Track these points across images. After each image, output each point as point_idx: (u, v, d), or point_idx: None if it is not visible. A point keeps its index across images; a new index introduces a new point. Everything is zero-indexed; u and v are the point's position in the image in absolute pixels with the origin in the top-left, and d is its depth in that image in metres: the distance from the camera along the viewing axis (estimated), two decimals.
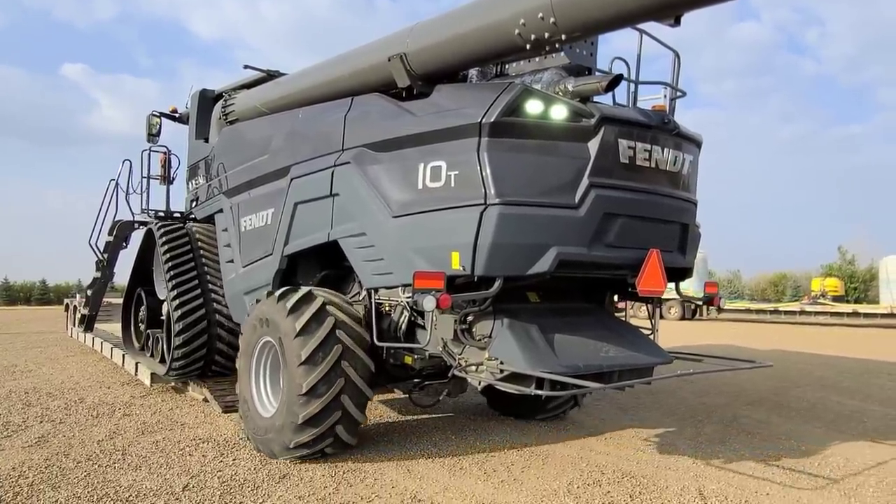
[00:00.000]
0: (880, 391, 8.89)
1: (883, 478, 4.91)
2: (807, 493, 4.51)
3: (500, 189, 4.10)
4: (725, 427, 6.45)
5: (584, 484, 4.56)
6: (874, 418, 7.06)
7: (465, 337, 4.56)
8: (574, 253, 4.21)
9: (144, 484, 4.35)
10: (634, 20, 3.83)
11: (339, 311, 4.85)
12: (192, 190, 8.18)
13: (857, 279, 38.74)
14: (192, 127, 8.16)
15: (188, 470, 4.67)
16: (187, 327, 6.87)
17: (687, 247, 5.01)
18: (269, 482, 4.44)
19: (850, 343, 17.06)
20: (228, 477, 4.53)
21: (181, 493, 4.18)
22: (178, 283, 7.01)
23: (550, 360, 4.28)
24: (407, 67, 4.76)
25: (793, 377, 9.74)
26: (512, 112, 4.15)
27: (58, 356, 11.41)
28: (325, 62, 5.92)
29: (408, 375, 5.49)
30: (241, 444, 5.35)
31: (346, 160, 5.10)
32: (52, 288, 52.27)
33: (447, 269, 4.22)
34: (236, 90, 7.62)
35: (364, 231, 4.89)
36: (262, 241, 6.09)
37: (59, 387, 8.09)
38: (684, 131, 4.78)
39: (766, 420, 6.82)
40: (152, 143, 8.89)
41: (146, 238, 8.30)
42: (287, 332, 4.70)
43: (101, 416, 6.40)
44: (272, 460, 4.90)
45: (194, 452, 5.11)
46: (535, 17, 3.86)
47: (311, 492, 4.27)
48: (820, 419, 6.95)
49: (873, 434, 6.34)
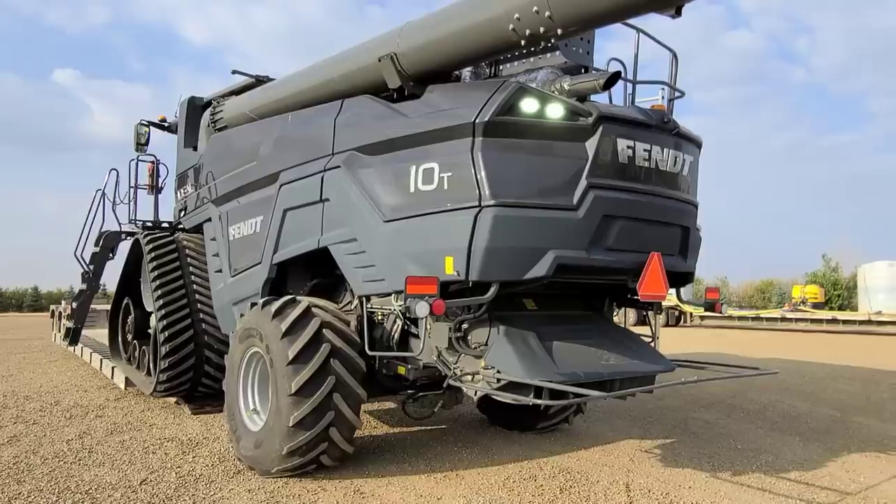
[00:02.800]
0: (834, 394, 8.87)
1: (804, 473, 5.02)
2: (726, 486, 4.64)
3: (496, 190, 3.84)
4: (673, 428, 6.48)
5: (520, 478, 4.65)
6: (818, 419, 7.12)
7: (460, 345, 4.30)
8: (573, 256, 3.95)
9: (105, 479, 4.47)
10: (633, 11, 3.59)
11: (326, 312, 4.61)
12: (180, 199, 7.88)
13: (840, 286, 38.89)
14: (181, 135, 7.86)
15: (149, 466, 4.80)
16: (174, 345, 6.49)
17: (689, 251, 4.75)
18: (224, 477, 4.58)
19: (825, 349, 16.95)
20: (185, 472, 4.64)
21: (138, 487, 4.30)
22: (166, 299, 6.63)
23: (549, 369, 4.01)
24: (398, 68, 4.51)
25: (755, 381, 9.61)
26: (507, 111, 3.89)
27: (40, 361, 11.41)
28: (315, 65, 5.65)
29: (402, 386, 5.21)
30: (203, 443, 5.44)
31: (336, 164, 4.83)
32: (44, 295, 51.64)
33: (441, 274, 3.95)
34: (225, 97, 7.34)
35: (355, 237, 4.62)
36: (251, 249, 5.80)
37: (37, 390, 8.12)
38: (684, 131, 4.55)
39: (714, 421, 6.85)
40: (140, 152, 8.59)
41: (133, 249, 7.97)
42: (273, 335, 4.44)
43: (73, 417, 6.49)
44: (230, 458, 4.98)
45: (157, 451, 5.23)
46: (530, 12, 3.63)
47: (260, 486, 4.38)
48: (766, 420, 6.99)
49: (811, 434, 6.41)
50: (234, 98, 7.12)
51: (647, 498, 4.32)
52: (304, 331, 4.37)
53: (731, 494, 4.46)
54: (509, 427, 6.13)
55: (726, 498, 4.39)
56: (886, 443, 6.12)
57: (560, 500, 4.25)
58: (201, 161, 7.19)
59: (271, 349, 4.48)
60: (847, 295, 38.89)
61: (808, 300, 29.18)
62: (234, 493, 4.22)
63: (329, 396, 4.29)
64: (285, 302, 4.61)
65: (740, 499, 4.39)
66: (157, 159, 8.74)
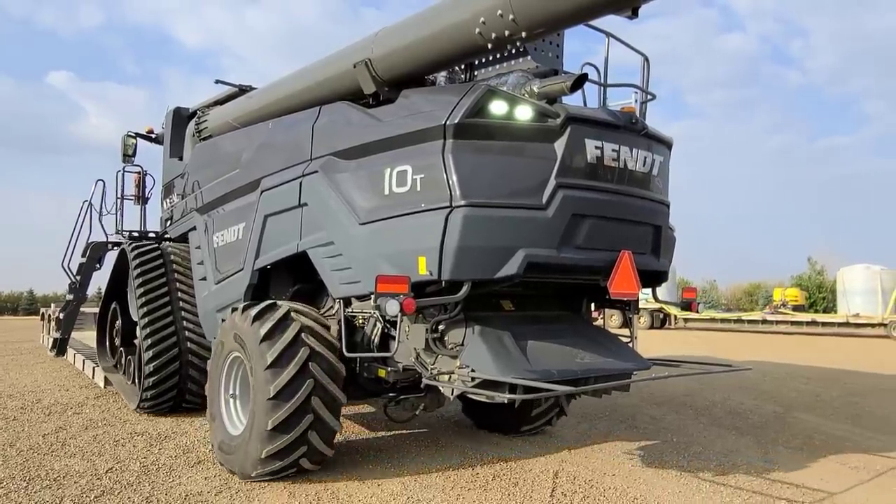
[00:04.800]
0: (786, 392, 8.95)
1: (724, 461, 5.19)
2: (647, 473, 4.84)
3: (466, 191, 3.82)
4: (619, 423, 6.62)
5: (459, 467, 4.88)
6: (760, 415, 7.23)
7: (437, 346, 4.27)
8: (543, 255, 3.92)
9: (74, 468, 4.71)
10: (592, 13, 3.61)
11: (305, 317, 4.55)
12: (166, 209, 7.81)
13: (825, 289, 38.96)
14: (167, 145, 7.79)
15: (116, 457, 5.02)
16: (159, 364, 6.30)
17: (661, 249, 4.73)
18: (185, 466, 4.81)
19: (800, 350, 16.99)
20: (150, 462, 4.88)
21: (103, 475, 4.54)
22: (150, 308, 6.48)
23: (522, 367, 3.98)
24: (372, 73, 4.51)
25: (713, 381, 9.72)
26: (476, 113, 3.89)
27: (27, 363, 11.50)
28: (295, 72, 5.64)
29: (383, 389, 5.15)
30: (171, 437, 5.63)
31: (314, 169, 4.81)
32: (39, 298, 51.16)
33: (414, 274, 3.92)
34: (209, 107, 7.31)
35: (332, 240, 4.58)
36: (234, 256, 5.75)
37: (21, 389, 8.25)
38: (653, 132, 4.54)
39: (660, 417, 6.95)
40: (128, 163, 8.50)
41: (120, 259, 7.84)
42: (252, 339, 4.39)
43: (52, 414, 6.69)
44: (193, 450, 5.19)
45: (127, 444, 5.44)
46: (495, 15, 3.64)
47: (217, 473, 4.60)
48: (710, 416, 7.11)
49: (748, 428, 6.51)
50: (218, 108, 7.09)
51: (571, 483, 4.55)
52: (283, 335, 4.33)
53: (648, 480, 4.67)
54: (493, 430, 6.07)
55: (644, 483, 4.59)
56: (814, 436, 6.26)
57: (491, 485, 4.45)
58: (186, 170, 7.14)
59: (250, 353, 4.43)
60: (832, 297, 38.99)
61: (788, 303, 29.36)
62: (191, 480, 4.45)
63: (308, 400, 4.24)
64: (265, 307, 4.56)
65: (656, 484, 4.59)
66: (143, 170, 8.66)
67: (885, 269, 25.68)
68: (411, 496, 4.22)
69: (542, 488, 4.42)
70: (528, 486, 4.45)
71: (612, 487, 4.47)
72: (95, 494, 4.15)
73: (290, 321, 4.43)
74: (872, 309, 24.68)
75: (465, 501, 4.17)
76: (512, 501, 4.19)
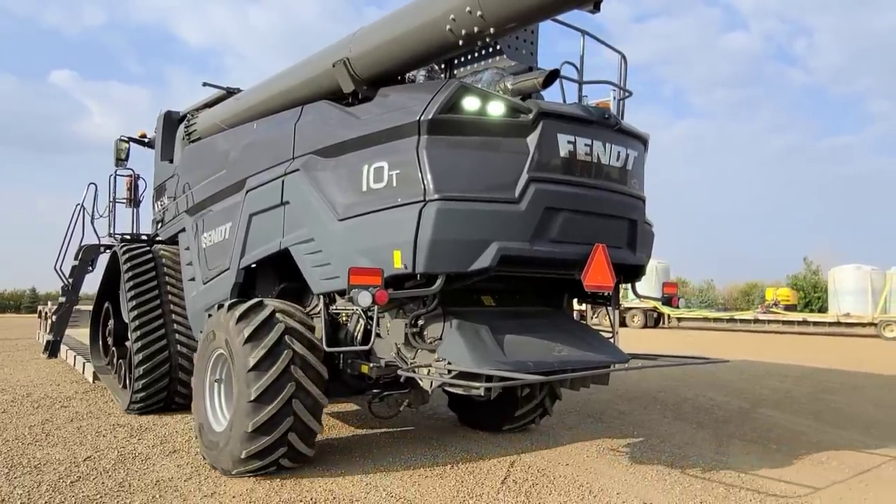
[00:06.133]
0: (758, 389, 8.95)
1: (677, 452, 5.29)
2: (599, 463, 4.94)
3: (439, 185, 3.84)
4: (587, 417, 6.67)
5: (422, 455, 5.07)
6: (726, 411, 7.25)
7: (416, 340, 4.28)
8: (516, 248, 3.93)
9: (55, 456, 4.88)
10: (555, 9, 3.66)
11: (290, 318, 4.51)
12: (157, 211, 7.81)
13: (820, 289, 38.76)
14: (158, 148, 7.80)
15: (96, 447, 5.17)
16: (149, 366, 6.26)
17: (637, 244, 4.72)
18: (160, 455, 4.95)
19: (787, 349, 16.95)
20: (127, 452, 5.03)
21: (81, 462, 4.72)
22: (140, 310, 6.44)
23: (498, 358, 3.99)
24: (350, 72, 4.53)
25: (690, 378, 9.72)
26: (449, 109, 3.91)
27: (23, 359, 11.61)
28: (279, 73, 5.66)
29: (367, 386, 5.14)
30: (151, 429, 5.77)
31: (295, 168, 4.82)
32: (41, 296, 51.04)
33: (390, 268, 3.93)
34: (199, 110, 7.31)
35: (312, 237, 4.59)
36: (222, 255, 5.75)
37: (13, 384, 8.34)
38: (627, 127, 4.55)
39: (628, 412, 7.00)
40: (120, 167, 8.47)
41: (112, 261, 7.84)
42: (236, 339, 4.36)
43: (41, 407, 6.83)
44: (170, 440, 5.35)
45: (108, 434, 5.60)
46: (464, 12, 3.69)
47: (189, 461, 4.78)
48: (678, 412, 7.14)
49: (710, 423, 6.56)
50: (206, 110, 7.11)
51: (524, 472, 4.67)
52: (267, 337, 4.29)
53: (599, 469, 4.79)
54: (476, 427, 6.03)
55: (593, 472, 4.70)
56: (772, 429, 6.29)
57: (448, 473, 4.61)
58: (176, 172, 7.15)
59: (233, 352, 4.42)
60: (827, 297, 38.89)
61: (779, 302, 29.25)
62: (163, 468, 4.63)
63: (289, 403, 4.22)
64: (251, 306, 4.53)
65: (605, 473, 4.71)
66: (135, 173, 8.64)
67: (876, 269, 25.68)
68: (370, 482, 4.34)
69: (495, 476, 4.53)
70: (483, 475, 4.57)
71: (563, 476, 4.60)
72: (72, 480, 4.31)
73: (275, 322, 4.40)
74: (863, 308, 24.70)
75: (420, 487, 4.28)
76: (465, 488, 4.31)
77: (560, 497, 4.17)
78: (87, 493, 4.04)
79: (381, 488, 4.23)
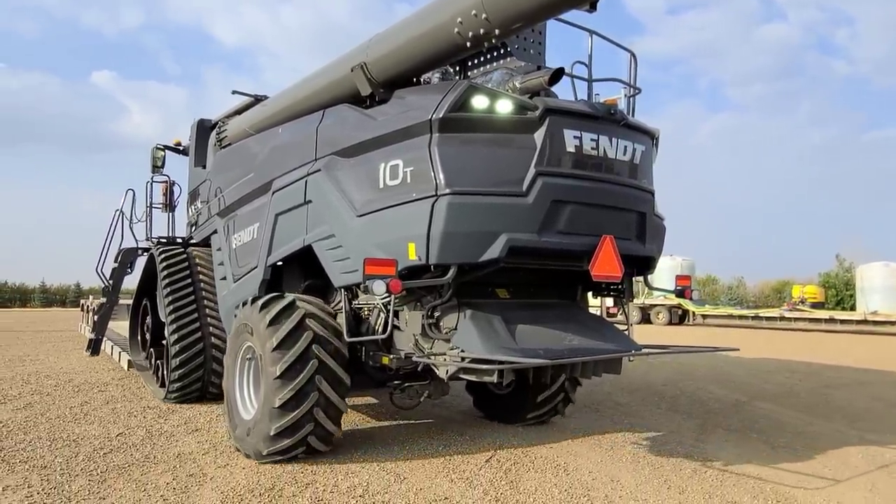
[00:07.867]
0: (761, 384, 8.83)
1: (658, 440, 5.39)
2: (581, 446, 5.11)
3: (450, 180, 3.98)
4: (584, 407, 6.73)
5: (419, 437, 5.34)
6: (722, 404, 7.22)
7: (433, 331, 4.41)
8: (524, 239, 4.04)
9: (91, 432, 5.42)
10: (554, 9, 3.79)
11: (318, 323, 4.61)
12: (191, 215, 8.08)
13: (851, 287, 37.80)
14: (192, 155, 8.08)
15: (128, 425, 5.70)
16: (185, 357, 6.55)
17: (647, 236, 4.76)
18: (183, 433, 5.44)
19: (809, 347, 16.42)
20: (155, 430, 5.52)
21: (113, 438, 5.25)
22: (176, 309, 6.74)
23: (509, 346, 4.09)
24: (368, 76, 4.69)
25: (696, 372, 9.59)
26: (459, 108, 4.06)
27: (66, 349, 12.51)
28: (302, 80, 5.85)
29: (389, 377, 5.27)
30: (178, 412, 6.28)
31: (317, 168, 5.00)
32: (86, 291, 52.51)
33: (405, 260, 4.09)
34: (229, 117, 7.58)
35: (333, 233, 4.76)
36: (250, 254, 5.96)
37: (57, 371, 9.11)
38: (633, 122, 4.63)
39: (626, 404, 7.05)
40: (156, 174, 8.77)
41: (148, 263, 8.16)
42: (265, 344, 4.51)
43: (80, 391, 7.47)
44: (194, 421, 5.85)
45: (139, 415, 6.14)
46: (470, 15, 3.83)
47: (209, 439, 5.24)
48: (674, 404, 7.15)
49: (702, 415, 6.57)
50: (236, 117, 7.35)
51: (507, 452, 4.93)
52: (288, 320, 4.48)
53: (579, 452, 4.97)
54: (496, 419, 6.07)
55: (573, 454, 4.89)
56: (759, 421, 6.32)
57: (440, 453, 4.89)
58: (209, 177, 7.41)
59: (262, 355, 4.55)
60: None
61: (806, 300, 28.57)
62: (185, 444, 5.10)
63: (312, 379, 4.36)
64: (272, 297, 4.74)
65: (584, 454, 4.89)
66: (170, 179, 8.94)
67: None
68: (365, 458, 4.70)
69: (480, 457, 4.79)
70: (469, 455, 4.82)
71: (543, 456, 4.82)
72: (105, 452, 4.85)
73: (295, 308, 4.59)
74: (891, 307, 24.03)
75: (410, 463, 4.62)
76: (450, 464, 4.59)
77: (537, 475, 4.37)
78: (116, 463, 4.55)
79: (374, 462, 4.57)
